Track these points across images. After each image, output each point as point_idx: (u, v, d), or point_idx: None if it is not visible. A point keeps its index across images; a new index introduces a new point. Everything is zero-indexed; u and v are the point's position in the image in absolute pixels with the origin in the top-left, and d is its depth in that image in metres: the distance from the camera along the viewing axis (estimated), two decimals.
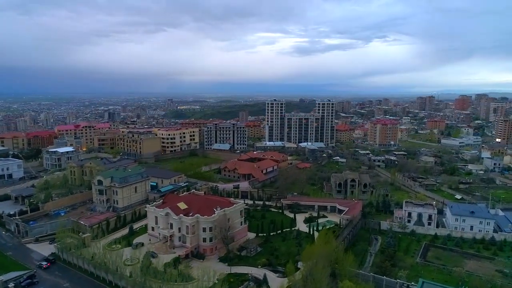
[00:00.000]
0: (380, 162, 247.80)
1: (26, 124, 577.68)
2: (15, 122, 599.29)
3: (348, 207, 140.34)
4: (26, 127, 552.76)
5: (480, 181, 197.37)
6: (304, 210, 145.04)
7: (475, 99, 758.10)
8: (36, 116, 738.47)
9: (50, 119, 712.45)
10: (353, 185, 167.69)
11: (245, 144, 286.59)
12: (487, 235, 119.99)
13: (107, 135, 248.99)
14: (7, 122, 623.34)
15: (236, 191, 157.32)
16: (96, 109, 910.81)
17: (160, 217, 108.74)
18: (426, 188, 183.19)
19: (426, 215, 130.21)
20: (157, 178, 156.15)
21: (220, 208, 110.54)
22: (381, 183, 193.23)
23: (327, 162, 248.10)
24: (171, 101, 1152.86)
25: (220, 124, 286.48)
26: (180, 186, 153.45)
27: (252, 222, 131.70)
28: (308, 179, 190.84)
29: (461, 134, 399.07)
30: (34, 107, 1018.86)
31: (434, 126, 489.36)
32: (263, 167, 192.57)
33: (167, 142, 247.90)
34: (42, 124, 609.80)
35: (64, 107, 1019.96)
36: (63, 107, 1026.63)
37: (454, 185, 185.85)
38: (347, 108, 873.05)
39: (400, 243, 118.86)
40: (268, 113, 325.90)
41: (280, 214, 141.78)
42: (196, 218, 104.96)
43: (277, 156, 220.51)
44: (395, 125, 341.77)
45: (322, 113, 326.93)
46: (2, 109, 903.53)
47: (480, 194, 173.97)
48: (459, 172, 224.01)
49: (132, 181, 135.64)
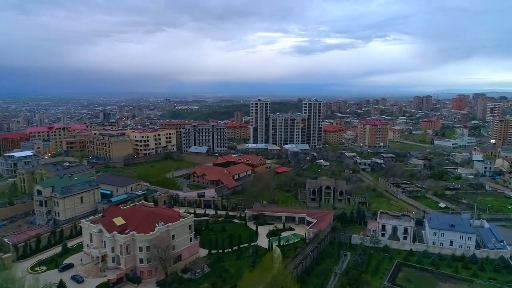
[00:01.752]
0: (365, 166, 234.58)
1: (19, 125, 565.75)
2: (8, 123, 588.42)
3: (317, 219, 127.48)
4: (19, 127, 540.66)
5: (469, 187, 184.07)
6: (270, 221, 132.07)
7: (472, 99, 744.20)
8: (32, 116, 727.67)
9: (44, 119, 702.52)
10: (328, 193, 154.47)
11: (226, 147, 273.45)
12: (468, 251, 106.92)
13: (77, 138, 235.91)
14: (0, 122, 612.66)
15: (198, 200, 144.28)
16: (93, 110, 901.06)
17: (94, 234, 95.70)
18: (410, 195, 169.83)
19: (401, 228, 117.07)
20: (112, 186, 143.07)
21: (164, 223, 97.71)
22: (363, 189, 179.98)
23: (309, 165, 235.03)
24: (169, 101, 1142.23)
25: (199, 126, 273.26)
26: (135, 195, 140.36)
27: (210, 236, 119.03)
28: (284, 184, 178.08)
29: (455, 135, 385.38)
30: (33, 107, 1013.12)
31: (429, 126, 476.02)
32: (235, 173, 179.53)
33: (140, 145, 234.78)
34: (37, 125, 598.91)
35: (63, 107, 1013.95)
36: (61, 107, 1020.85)
37: (440, 191, 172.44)
38: (343, 108, 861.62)
39: (370, 261, 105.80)
40: (253, 113, 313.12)
41: (243, 226, 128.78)
42: (131, 236, 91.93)
43: (253, 159, 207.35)
44: (385, 126, 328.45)
45: (309, 114, 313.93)
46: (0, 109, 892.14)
47: (467, 201, 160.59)
48: (448, 176, 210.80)
49: (77, 190, 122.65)
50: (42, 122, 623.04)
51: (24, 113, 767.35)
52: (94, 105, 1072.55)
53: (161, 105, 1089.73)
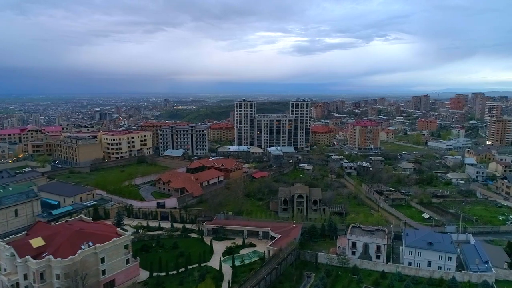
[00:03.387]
0: (351, 170, 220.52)
1: (13, 125, 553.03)
2: (2, 124, 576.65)
3: (282, 233, 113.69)
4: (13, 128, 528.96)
5: (458, 194, 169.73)
6: (231, 236, 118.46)
7: (471, 98, 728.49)
8: (28, 117, 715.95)
9: (40, 120, 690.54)
10: (301, 202, 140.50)
11: (205, 149, 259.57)
12: (447, 274, 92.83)
13: (44, 141, 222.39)
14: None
15: (154, 212, 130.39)
16: (91, 110, 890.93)
17: (6, 257, 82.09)
18: (393, 203, 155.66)
19: (373, 245, 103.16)
20: (59, 196, 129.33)
21: (92, 244, 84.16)
22: (343, 197, 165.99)
23: (291, 170, 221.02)
24: (168, 101, 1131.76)
25: (177, 127, 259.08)
26: (83, 206, 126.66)
27: (159, 253, 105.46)
28: (257, 192, 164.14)
29: (450, 136, 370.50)
30: (32, 107, 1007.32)
31: (425, 126, 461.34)
32: (203, 179, 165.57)
33: (112, 148, 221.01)
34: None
35: (61, 108, 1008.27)
36: (60, 108, 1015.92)
37: (426, 199, 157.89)
38: (341, 108, 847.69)
39: (335, 285, 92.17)
40: (237, 114, 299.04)
41: (199, 242, 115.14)
42: (47, 261, 78.31)
43: (228, 164, 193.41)
44: (376, 127, 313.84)
45: (296, 114, 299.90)
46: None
47: (455, 211, 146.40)
48: (438, 181, 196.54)
49: (9, 203, 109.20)
50: (38, 123, 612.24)
51: (20, 114, 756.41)
52: (94, 105, 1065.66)
53: (160, 105, 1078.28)
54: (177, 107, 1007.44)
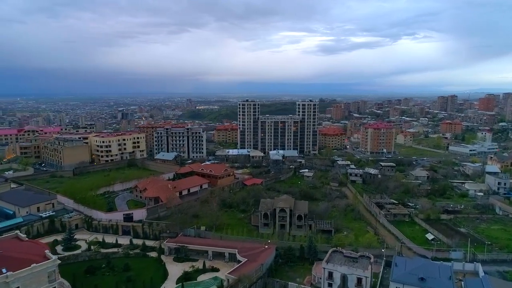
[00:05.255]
0: (356, 177, 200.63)
1: (38, 124, 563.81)
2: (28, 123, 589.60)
3: (249, 256, 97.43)
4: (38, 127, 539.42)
5: (473, 209, 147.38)
6: (194, 257, 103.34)
7: (502, 98, 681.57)
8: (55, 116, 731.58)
9: (65, 119, 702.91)
10: (283, 217, 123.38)
11: (202, 153, 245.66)
12: None
13: (33, 143, 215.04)
14: (21, 122, 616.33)
15: (115, 225, 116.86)
16: (115, 110, 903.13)
17: None
18: (394, 218, 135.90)
19: (353, 277, 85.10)
20: (14, 205, 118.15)
21: (6, 271, 71.06)
22: (339, 210, 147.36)
23: (290, 176, 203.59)
24: (190, 101, 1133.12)
25: (172, 129, 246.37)
26: (37, 218, 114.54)
27: (105, 277, 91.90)
28: (242, 202, 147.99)
29: (474, 140, 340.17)
30: (62, 107, 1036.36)
31: (449, 129, 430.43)
32: (183, 187, 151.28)
33: (101, 151, 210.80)
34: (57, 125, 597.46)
35: (89, 108, 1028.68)
36: (88, 107, 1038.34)
37: (434, 214, 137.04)
38: (363, 108, 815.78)
39: None
40: (240, 115, 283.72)
41: (156, 263, 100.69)
42: None
43: (217, 169, 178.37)
44: (389, 130, 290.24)
45: (303, 116, 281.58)
46: (31, 109, 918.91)
47: (466, 230, 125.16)
48: (453, 192, 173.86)
49: None
50: (62, 122, 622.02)
51: (47, 113, 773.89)
52: (120, 105, 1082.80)
53: (183, 105, 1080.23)
54: (199, 107, 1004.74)
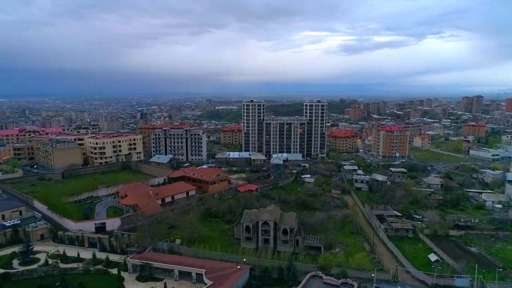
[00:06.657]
0: (362, 184, 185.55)
1: (60, 124, 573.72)
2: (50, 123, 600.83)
3: (217, 279, 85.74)
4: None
5: (489, 224, 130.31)
6: (159, 276, 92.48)
7: None
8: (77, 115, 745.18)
9: (86, 119, 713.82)
10: (267, 231, 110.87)
11: (201, 155, 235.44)
12: None
13: (27, 144, 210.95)
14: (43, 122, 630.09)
15: (81, 237, 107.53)
16: (136, 110, 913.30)
17: None
18: (396, 233, 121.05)
19: None
20: None
21: None
22: (335, 222, 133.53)
23: (290, 181, 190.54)
24: (209, 101, 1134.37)
25: (171, 130, 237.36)
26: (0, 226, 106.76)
27: None
28: (228, 212, 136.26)
29: (499, 143, 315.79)
30: (86, 106, 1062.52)
31: (472, 131, 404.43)
32: (166, 194, 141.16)
33: (95, 152, 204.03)
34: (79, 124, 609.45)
35: (112, 107, 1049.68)
36: (111, 107, 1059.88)
37: (442, 230, 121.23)
38: (383, 109, 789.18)
39: None
40: (244, 116, 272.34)
41: (116, 282, 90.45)
42: None
43: (209, 174, 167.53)
44: (403, 133, 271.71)
45: (311, 117, 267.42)
46: (57, 109, 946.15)
47: (478, 250, 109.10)
48: (468, 203, 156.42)
49: None
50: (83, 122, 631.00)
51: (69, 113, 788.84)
52: (142, 105, 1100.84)
53: (203, 105, 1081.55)
54: (219, 107, 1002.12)
